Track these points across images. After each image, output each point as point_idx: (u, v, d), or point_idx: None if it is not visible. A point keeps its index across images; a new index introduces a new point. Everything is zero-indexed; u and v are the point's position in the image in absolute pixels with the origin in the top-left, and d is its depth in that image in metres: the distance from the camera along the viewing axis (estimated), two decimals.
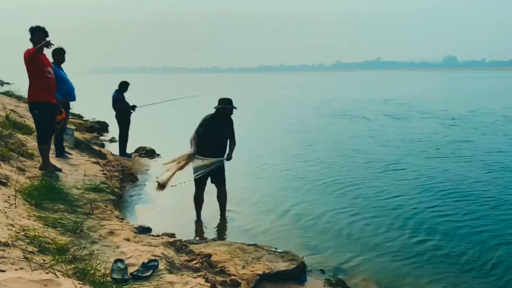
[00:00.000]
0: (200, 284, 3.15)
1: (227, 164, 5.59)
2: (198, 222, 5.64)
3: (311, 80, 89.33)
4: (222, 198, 5.74)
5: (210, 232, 5.42)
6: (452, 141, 11.88)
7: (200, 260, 3.69)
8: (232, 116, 5.56)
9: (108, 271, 3.07)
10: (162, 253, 3.54)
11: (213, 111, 5.47)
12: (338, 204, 6.39)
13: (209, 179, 5.59)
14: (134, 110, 9.25)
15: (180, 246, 4.02)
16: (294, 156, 10.14)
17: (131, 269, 3.17)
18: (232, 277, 3.62)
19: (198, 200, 5.70)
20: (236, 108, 5.50)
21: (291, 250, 4.55)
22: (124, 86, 9.20)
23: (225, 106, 5.41)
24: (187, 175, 5.42)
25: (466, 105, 22.71)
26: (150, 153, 10.00)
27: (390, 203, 6.40)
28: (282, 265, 4.10)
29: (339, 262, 4.46)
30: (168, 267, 3.34)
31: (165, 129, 14.90)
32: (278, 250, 4.43)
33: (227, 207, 5.83)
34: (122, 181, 7.27)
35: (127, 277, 3.05)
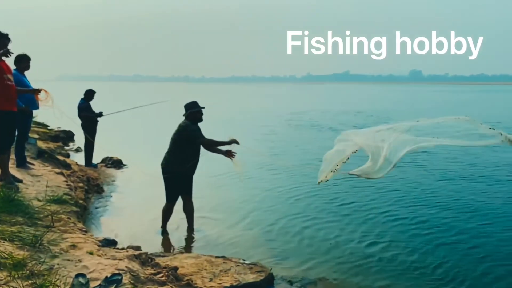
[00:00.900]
0: None
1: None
2: (165, 234, 5.53)
3: (282, 91, 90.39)
4: (188, 209, 5.64)
5: (177, 244, 5.32)
6: (416, 151, 12.27)
7: (166, 273, 3.61)
8: (203, 124, 5.51)
9: (68, 287, 2.95)
10: (126, 267, 3.44)
11: (182, 119, 5.38)
12: (305, 213, 6.45)
13: None
14: (100, 116, 9.03)
15: (145, 259, 3.92)
16: (261, 165, 10.19)
17: (93, 284, 3.06)
18: None
19: (168, 213, 5.60)
20: (204, 108, 5.46)
21: (259, 261, 4.54)
22: (89, 94, 8.99)
23: (195, 110, 5.35)
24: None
25: (430, 117, 23.52)
26: (117, 164, 9.77)
27: (353, 211, 6.57)
28: (250, 277, 4.07)
29: (307, 272, 4.48)
30: (132, 281, 3.25)
31: (133, 139, 14.63)
32: (246, 262, 4.40)
33: (195, 219, 5.75)
34: (87, 192, 7.06)
35: None
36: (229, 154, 5.29)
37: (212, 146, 5.34)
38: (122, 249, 4.33)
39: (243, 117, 25.27)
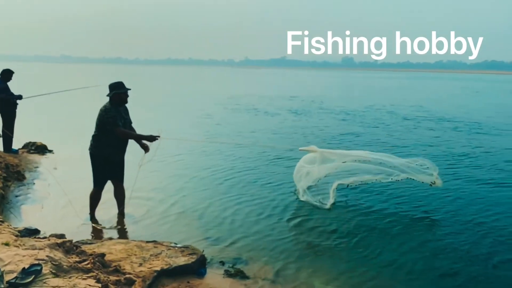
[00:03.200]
0: (90, 285, 2.99)
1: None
2: (93, 221, 5.31)
3: (220, 74, 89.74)
4: (120, 195, 5.45)
5: (106, 231, 5.14)
6: (340, 133, 13.13)
7: (92, 261, 3.49)
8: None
9: None
10: (47, 256, 3.26)
11: (107, 100, 5.13)
12: (237, 194, 6.57)
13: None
14: (20, 98, 8.33)
15: (70, 247, 3.75)
16: (193, 149, 10.14)
17: (8, 277, 2.87)
18: (127, 275, 3.49)
19: (95, 198, 5.36)
20: (130, 89, 5.21)
21: (192, 243, 4.54)
22: (6, 74, 8.24)
23: (120, 91, 5.09)
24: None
25: (361, 102, 24.90)
26: (41, 149, 9.13)
27: (285, 192, 6.78)
28: (181, 260, 4.06)
29: (239, 252, 4.57)
30: (54, 271, 3.10)
31: (59, 123, 13.75)
32: (178, 245, 4.38)
33: (126, 204, 5.57)
34: (6, 180, 6.54)
35: (2, 286, 2.75)
36: (146, 147, 5.27)
37: (127, 137, 5.14)
38: (44, 238, 4.09)
39: (178, 100, 24.78)
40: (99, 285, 3.06)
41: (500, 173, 8.27)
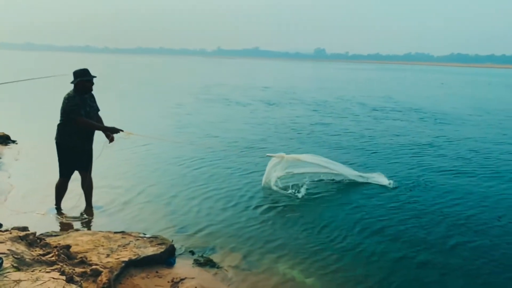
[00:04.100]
0: (53, 278, 2.92)
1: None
2: (59, 213, 5.18)
3: (192, 64, 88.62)
4: (87, 186, 5.34)
5: (73, 222, 5.03)
6: (311, 123, 13.32)
7: (57, 253, 3.41)
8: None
9: None
10: (8, 250, 3.17)
11: (71, 87, 4.98)
12: (205, 184, 6.58)
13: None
14: None
15: (33, 240, 3.65)
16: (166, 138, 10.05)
17: None
18: (94, 266, 3.43)
19: (62, 189, 5.22)
20: (95, 77, 5.08)
21: (161, 234, 4.52)
22: None
23: (85, 79, 4.94)
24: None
25: (332, 93, 25.25)
26: (3, 140, 8.78)
27: (252, 180, 6.88)
28: (150, 250, 4.04)
29: (208, 241, 4.60)
30: (15, 264, 3.02)
31: (24, 113, 13.26)
32: (146, 235, 4.35)
33: (93, 195, 5.46)
34: None
35: None
36: (111, 138, 5.13)
37: (89, 127, 5.01)
38: (6, 231, 3.95)
39: (148, 90, 24.32)
40: (64, 277, 3.00)
41: (460, 161, 8.63)
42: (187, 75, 44.49)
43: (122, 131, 5.07)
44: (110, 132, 5.08)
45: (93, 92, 5.17)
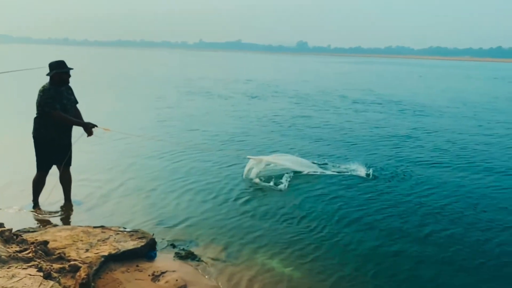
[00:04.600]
0: (30, 275, 2.89)
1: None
2: (37, 208, 5.10)
3: (173, 57, 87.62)
4: (66, 180, 5.26)
5: (51, 217, 4.96)
6: (293, 116, 13.43)
7: (34, 249, 3.37)
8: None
9: None
10: None
11: (47, 79, 4.87)
12: (185, 177, 6.58)
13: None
14: None
15: (9, 237, 3.59)
16: (146, 131, 9.97)
17: None
18: (72, 262, 3.40)
19: (39, 184, 5.12)
20: (72, 69, 4.99)
21: (142, 227, 4.51)
22: None
23: (61, 71, 4.84)
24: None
25: (314, 86, 25.40)
26: None
27: (232, 172, 6.91)
28: (130, 244, 4.02)
29: (188, 233, 4.61)
30: None
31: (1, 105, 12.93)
32: (127, 229, 4.33)
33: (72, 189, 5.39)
34: None
35: None
36: (89, 131, 5.01)
37: (64, 121, 4.92)
38: None
39: (129, 83, 23.98)
40: (41, 274, 2.97)
41: (438, 152, 8.85)
42: (168, 68, 43.98)
43: (97, 126, 5.01)
44: (84, 128, 5.00)
45: (71, 85, 5.08)
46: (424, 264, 4.14)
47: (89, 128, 4.98)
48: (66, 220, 4.93)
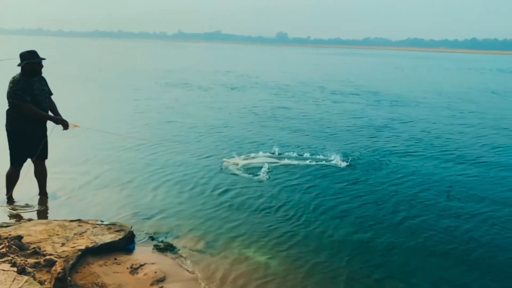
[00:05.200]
0: (4, 270, 2.86)
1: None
2: (11, 203, 5.00)
3: (152, 48, 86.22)
4: (42, 174, 5.17)
5: (26, 212, 4.87)
6: (272, 107, 13.49)
7: (7, 244, 3.32)
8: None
9: None
10: None
11: (18, 70, 4.75)
12: (162, 168, 6.58)
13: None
14: None
15: None
16: (123, 123, 9.84)
17: None
18: (48, 257, 3.37)
19: (13, 178, 5.01)
20: (44, 59, 4.86)
21: (120, 220, 4.49)
22: None
23: (33, 61, 4.71)
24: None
25: (294, 77, 25.49)
26: None
27: (209, 164, 6.93)
28: (108, 237, 4.01)
29: (167, 226, 4.61)
30: None
31: None
32: (104, 223, 4.30)
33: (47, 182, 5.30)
34: None
35: None
36: (65, 125, 4.93)
37: (33, 115, 4.78)
38: None
39: (106, 74, 23.51)
40: (15, 269, 2.94)
41: (413, 141, 9.09)
42: (146, 59, 43.28)
43: (67, 122, 4.93)
44: (55, 123, 4.90)
45: (45, 77, 4.97)
46: (397, 250, 4.27)
47: (59, 123, 4.89)
48: (41, 214, 4.86)
